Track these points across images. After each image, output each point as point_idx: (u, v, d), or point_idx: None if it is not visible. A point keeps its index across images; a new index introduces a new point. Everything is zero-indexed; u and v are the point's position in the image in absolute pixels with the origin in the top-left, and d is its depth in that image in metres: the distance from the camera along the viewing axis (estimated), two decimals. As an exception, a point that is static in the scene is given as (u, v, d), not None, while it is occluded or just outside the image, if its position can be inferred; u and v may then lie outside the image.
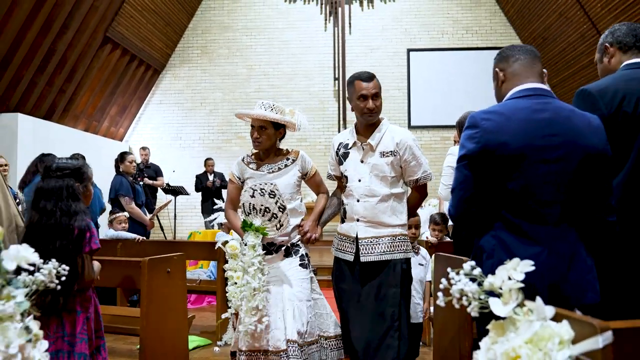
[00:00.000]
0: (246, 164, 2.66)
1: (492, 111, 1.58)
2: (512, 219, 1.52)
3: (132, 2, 8.37)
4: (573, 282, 1.50)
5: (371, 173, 2.38)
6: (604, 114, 1.69)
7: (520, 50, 1.69)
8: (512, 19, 9.66)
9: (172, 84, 10.34)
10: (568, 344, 0.99)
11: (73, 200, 1.85)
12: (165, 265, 2.43)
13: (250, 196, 2.43)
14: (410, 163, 2.40)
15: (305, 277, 2.55)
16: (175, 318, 2.62)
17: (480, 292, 1.13)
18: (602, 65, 1.97)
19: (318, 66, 10.09)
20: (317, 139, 9.75)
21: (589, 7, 7.34)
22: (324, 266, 6.34)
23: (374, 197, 2.36)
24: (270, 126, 2.56)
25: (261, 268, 2.35)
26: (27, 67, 6.95)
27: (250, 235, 2.39)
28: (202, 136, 10.19)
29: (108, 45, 8.35)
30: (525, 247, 1.49)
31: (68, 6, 7.07)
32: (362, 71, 2.46)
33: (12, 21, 6.35)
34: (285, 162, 2.62)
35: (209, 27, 10.32)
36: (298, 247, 2.60)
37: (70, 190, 1.87)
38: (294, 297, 2.45)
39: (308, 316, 2.45)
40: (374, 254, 2.34)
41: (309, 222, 2.57)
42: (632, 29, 1.91)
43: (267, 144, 2.59)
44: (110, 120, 9.60)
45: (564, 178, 1.51)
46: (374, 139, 2.40)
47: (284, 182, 2.55)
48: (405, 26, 10.05)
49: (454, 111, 9.38)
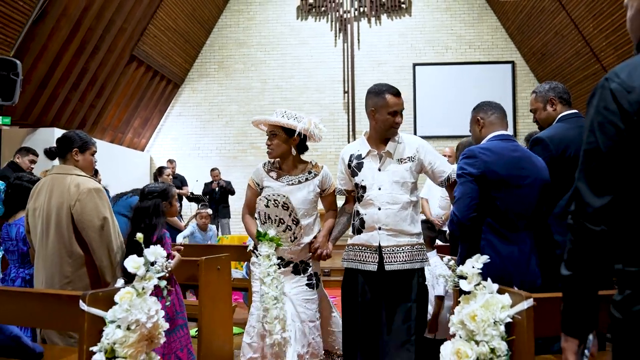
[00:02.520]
0: (266, 171, 2.59)
1: (486, 147, 2.18)
2: (497, 226, 2.09)
3: (156, 22, 9.01)
4: (531, 271, 2.10)
5: (391, 180, 2.34)
6: (554, 154, 2.31)
7: (495, 106, 2.32)
8: (513, 34, 10.17)
9: (190, 97, 10.95)
10: (507, 307, 1.55)
11: (156, 217, 2.42)
12: (216, 263, 2.94)
13: (264, 205, 2.43)
14: (435, 163, 2.39)
15: (311, 297, 2.47)
16: (223, 308, 3.12)
17: (454, 276, 1.70)
18: (546, 112, 2.58)
19: (328, 80, 10.65)
20: (328, 149, 10.30)
21: (583, 27, 7.84)
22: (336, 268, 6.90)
23: (396, 204, 2.32)
24: (282, 132, 2.49)
25: (277, 277, 2.35)
26: (62, 86, 7.58)
27: (264, 245, 2.40)
28: (219, 146, 10.77)
29: (134, 62, 8.98)
30: (505, 246, 2.09)
31: (100, 30, 7.70)
32: (386, 84, 2.42)
33: (51, 44, 6.99)
34: (306, 176, 2.54)
35: (226, 43, 10.93)
36: (308, 266, 2.53)
37: (155, 208, 2.43)
38: (296, 318, 2.40)
39: (310, 337, 2.40)
40: (397, 263, 2.29)
41: (320, 237, 2.54)
42: (564, 88, 2.56)
43: (278, 151, 2.51)
44: (134, 132, 10.22)
45: (530, 199, 2.13)
46: (391, 147, 2.38)
47: (300, 197, 2.49)
48: (411, 42, 10.59)
49: (457, 122, 9.91)
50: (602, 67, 7.88)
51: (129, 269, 1.80)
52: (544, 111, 2.60)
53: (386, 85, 2.41)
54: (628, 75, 1.02)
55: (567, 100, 2.53)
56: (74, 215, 2.31)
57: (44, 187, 2.39)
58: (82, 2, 7.05)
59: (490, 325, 1.57)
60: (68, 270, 2.32)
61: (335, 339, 2.57)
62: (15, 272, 2.63)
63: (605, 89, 1.05)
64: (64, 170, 2.41)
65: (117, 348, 1.68)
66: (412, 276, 2.31)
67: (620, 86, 1.03)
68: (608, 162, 1.03)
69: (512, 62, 10.27)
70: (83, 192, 2.32)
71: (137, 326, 1.71)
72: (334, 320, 2.61)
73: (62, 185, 2.32)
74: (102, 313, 1.71)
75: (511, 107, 10.22)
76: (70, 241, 2.33)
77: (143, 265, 1.80)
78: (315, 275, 2.53)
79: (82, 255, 2.34)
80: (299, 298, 2.43)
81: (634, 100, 1.00)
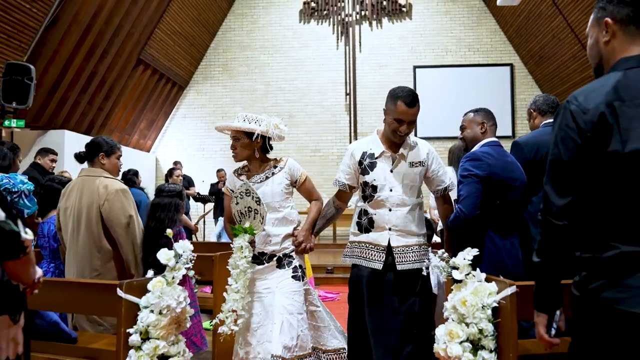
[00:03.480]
0: (237, 175, 2.65)
1: (487, 152, 2.46)
2: (495, 222, 2.39)
3: (163, 27, 9.23)
4: (520, 261, 2.41)
5: (403, 183, 2.38)
6: (528, 158, 2.61)
7: (493, 116, 2.62)
8: (511, 37, 10.38)
9: (195, 99, 11.18)
10: (493, 294, 1.77)
11: (176, 213, 2.64)
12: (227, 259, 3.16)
13: (235, 204, 2.45)
14: (438, 172, 2.44)
15: (297, 289, 2.48)
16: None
17: (447, 267, 1.92)
18: (531, 123, 2.92)
19: (330, 82, 10.87)
20: (330, 150, 10.53)
21: (579, 31, 8.05)
22: (339, 266, 7.10)
23: (406, 206, 2.37)
24: (244, 136, 2.52)
25: (244, 270, 2.35)
26: (72, 89, 7.81)
27: (239, 237, 2.40)
28: (223, 147, 10.98)
29: (141, 66, 9.21)
30: (501, 240, 2.37)
31: (108, 34, 7.93)
32: (407, 91, 2.36)
33: (62, 49, 7.21)
34: (272, 171, 2.58)
35: (230, 46, 11.15)
36: (291, 259, 2.55)
37: (176, 206, 2.66)
38: (283, 310, 2.39)
39: (298, 330, 2.39)
40: (408, 262, 2.34)
41: (303, 231, 2.56)
42: (547, 99, 2.84)
43: (242, 154, 2.56)
44: (140, 134, 10.45)
45: (519, 198, 2.43)
46: (405, 150, 2.41)
47: (270, 190, 2.53)
48: (412, 44, 10.80)
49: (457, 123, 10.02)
50: (597, 70, 8.08)
51: (161, 260, 2.03)
52: (529, 122, 2.97)
53: (406, 91, 2.34)
54: (585, 99, 1.24)
55: (547, 111, 2.83)
56: (102, 214, 2.55)
57: (75, 188, 2.62)
58: (92, 8, 7.27)
59: (478, 309, 1.80)
60: (97, 263, 2.56)
61: (321, 335, 2.57)
62: (47, 266, 2.85)
63: (566, 110, 1.27)
64: (93, 173, 2.63)
65: (150, 330, 1.91)
66: (420, 275, 2.37)
67: (578, 108, 1.24)
68: (568, 170, 1.25)
69: (511, 65, 10.48)
70: (111, 192, 2.55)
71: (168, 311, 1.94)
72: (318, 315, 2.60)
73: (92, 186, 2.55)
74: (137, 300, 1.95)
75: (510, 108, 10.43)
76: (99, 237, 2.56)
77: (173, 257, 2.04)
78: (300, 267, 2.54)
79: (110, 250, 2.58)
80: (285, 290, 2.44)
81: (588, 120, 1.21)
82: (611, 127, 1.18)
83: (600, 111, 1.20)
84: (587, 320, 1.20)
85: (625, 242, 1.15)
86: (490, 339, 1.81)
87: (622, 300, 1.12)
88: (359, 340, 2.39)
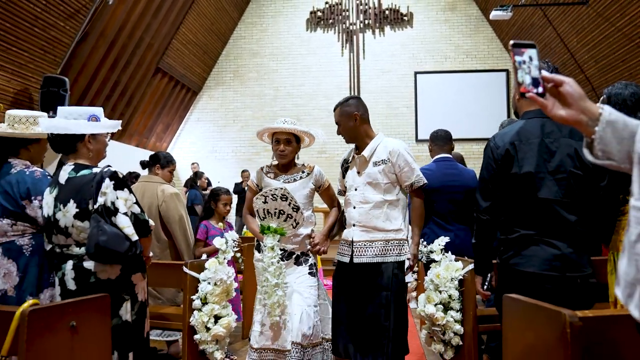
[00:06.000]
0: (265, 173, 2.80)
1: (428, 168, 3.17)
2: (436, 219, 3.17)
3: (179, 37, 9.90)
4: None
5: (365, 182, 2.53)
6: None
7: (442, 136, 3.34)
8: (507, 45, 10.93)
9: (208, 104, 11.83)
10: (460, 269, 2.43)
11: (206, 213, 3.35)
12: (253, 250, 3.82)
13: (262, 202, 2.60)
14: (404, 169, 2.51)
15: (313, 284, 2.66)
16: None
17: (428, 252, 2.59)
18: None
19: (336, 87, 11.47)
20: (335, 152, 11.14)
21: (568, 41, 8.64)
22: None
23: (367, 203, 2.50)
24: (294, 140, 2.73)
25: (279, 267, 2.54)
26: (98, 97, 8.48)
27: (269, 237, 2.57)
28: (235, 149, 11.65)
29: (159, 74, 9.88)
30: (443, 232, 3.00)
31: (131, 47, 8.60)
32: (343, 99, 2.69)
33: (90, 62, 7.89)
34: (300, 175, 2.76)
35: (240, 53, 11.79)
36: (308, 257, 2.72)
37: (206, 206, 3.34)
38: (302, 302, 2.57)
39: (314, 320, 2.58)
40: (366, 256, 2.47)
41: (321, 235, 2.74)
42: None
43: (291, 156, 2.74)
44: (156, 137, 11.12)
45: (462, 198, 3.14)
46: (367, 151, 2.56)
47: (297, 192, 2.68)
48: (413, 51, 11.40)
49: (456, 126, 10.70)
50: (585, 77, 8.67)
51: (216, 245, 2.71)
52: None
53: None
54: (499, 139, 1.94)
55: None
56: (160, 212, 3.21)
57: (137, 191, 3.27)
58: (117, 24, 7.94)
59: (448, 280, 2.48)
60: (157, 251, 3.22)
61: (325, 325, 2.73)
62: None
63: (489, 145, 1.97)
64: (150, 179, 3.32)
65: (208, 297, 2.60)
66: (386, 269, 2.44)
67: (495, 145, 1.94)
68: (489, 184, 1.93)
69: (507, 70, 11.04)
70: (167, 195, 3.24)
71: (221, 283, 2.61)
72: (324, 307, 2.78)
73: (152, 190, 3.23)
74: (198, 275, 2.62)
75: (505, 112, 11.01)
76: (157, 231, 3.22)
77: (225, 243, 2.71)
78: (315, 265, 2.74)
79: (166, 240, 3.26)
80: (303, 285, 2.63)
81: (499, 153, 1.90)
82: (513, 158, 1.85)
83: (506, 148, 1.87)
84: (503, 276, 1.88)
85: (523, 228, 1.82)
86: (457, 302, 2.52)
87: (521, 264, 1.79)
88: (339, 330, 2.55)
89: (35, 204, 2.12)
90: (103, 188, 1.83)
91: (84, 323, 1.50)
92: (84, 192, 1.87)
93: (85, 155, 2.06)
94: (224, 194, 3.66)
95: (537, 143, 1.82)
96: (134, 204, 1.93)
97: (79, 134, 2.00)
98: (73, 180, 1.93)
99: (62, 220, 1.89)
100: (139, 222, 1.90)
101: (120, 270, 1.90)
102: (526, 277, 1.77)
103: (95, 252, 1.76)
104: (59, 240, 1.93)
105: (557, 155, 1.81)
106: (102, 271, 1.86)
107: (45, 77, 6.83)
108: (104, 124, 2.08)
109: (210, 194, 3.74)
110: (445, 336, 2.60)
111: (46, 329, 1.38)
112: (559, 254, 1.75)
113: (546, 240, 1.77)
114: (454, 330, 2.55)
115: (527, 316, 1.40)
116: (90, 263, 1.86)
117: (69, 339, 1.45)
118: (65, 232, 1.90)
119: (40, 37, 6.60)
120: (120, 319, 1.87)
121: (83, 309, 1.52)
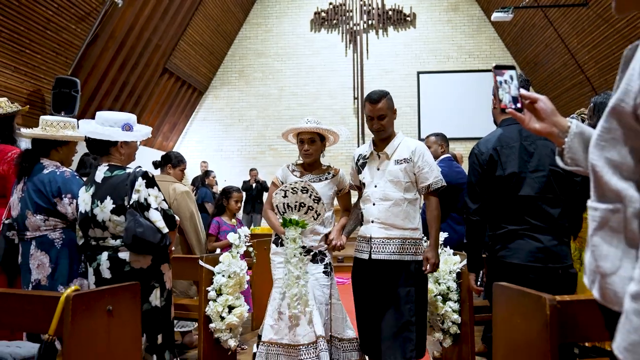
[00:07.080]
0: (290, 170, 2.82)
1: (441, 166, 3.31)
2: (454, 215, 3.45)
3: (186, 38, 10.08)
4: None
5: (386, 179, 2.51)
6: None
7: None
8: (509, 45, 11.10)
9: (213, 104, 12.01)
10: (457, 263, 2.61)
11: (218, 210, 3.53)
12: (263, 244, 3.97)
13: (282, 197, 2.61)
14: (423, 169, 2.50)
15: (326, 283, 2.69)
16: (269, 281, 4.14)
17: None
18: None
19: (340, 87, 11.64)
20: (339, 150, 11.29)
21: (568, 42, 8.77)
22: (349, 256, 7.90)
23: (388, 200, 2.49)
24: (319, 139, 2.75)
25: (301, 258, 2.57)
26: (107, 97, 8.68)
27: (291, 229, 2.58)
28: (240, 148, 11.83)
29: (166, 74, 10.07)
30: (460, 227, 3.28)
31: (139, 48, 8.78)
32: (375, 91, 2.56)
33: (100, 63, 8.08)
34: (326, 175, 2.79)
35: (245, 54, 11.97)
36: (324, 256, 2.74)
37: (218, 203, 3.52)
38: (315, 300, 2.60)
39: (325, 317, 2.64)
40: (385, 253, 2.47)
41: (334, 231, 2.75)
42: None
43: (316, 155, 2.76)
44: (163, 136, 11.31)
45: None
46: (389, 148, 2.55)
47: (322, 192, 2.69)
48: (415, 52, 11.55)
49: (458, 125, 10.89)
50: (585, 77, 8.80)
51: (230, 240, 2.89)
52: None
53: (372, 92, 2.54)
54: (482, 145, 2.14)
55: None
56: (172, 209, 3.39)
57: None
58: (126, 26, 8.12)
59: (447, 273, 2.66)
60: (170, 246, 3.40)
61: (339, 325, 2.76)
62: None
63: (473, 152, 2.17)
64: (163, 178, 3.48)
65: (222, 288, 2.79)
66: (406, 266, 2.45)
67: (479, 152, 2.14)
68: (476, 187, 2.13)
69: (508, 70, 11.19)
70: (179, 193, 3.40)
71: (234, 275, 2.79)
72: (337, 307, 2.79)
73: (164, 188, 3.37)
74: (212, 268, 2.81)
75: (507, 111, 11.15)
76: (170, 227, 3.43)
77: (238, 238, 2.89)
78: (330, 264, 2.75)
79: (178, 236, 3.41)
80: (317, 283, 2.65)
81: (483, 159, 2.11)
82: (497, 162, 2.05)
83: (490, 153, 2.08)
84: (492, 268, 2.07)
85: (509, 224, 2.03)
86: (455, 293, 2.69)
87: (507, 256, 1.99)
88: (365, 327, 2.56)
89: (65, 201, 2.30)
90: (136, 186, 2.03)
91: (118, 308, 1.68)
92: (120, 190, 2.07)
93: (117, 158, 2.26)
94: (235, 191, 3.84)
95: (517, 147, 2.02)
96: (162, 200, 2.13)
97: (113, 140, 2.18)
98: (109, 180, 2.13)
99: (99, 215, 2.10)
100: (167, 217, 2.14)
101: (151, 260, 2.11)
102: (512, 268, 1.96)
103: (132, 243, 1.99)
104: (96, 234, 2.13)
105: (535, 156, 2.00)
106: (136, 261, 2.08)
107: (57, 78, 7.02)
108: (135, 132, 2.27)
109: (222, 192, 3.92)
110: (444, 325, 2.78)
111: (87, 311, 1.56)
112: (542, 246, 1.94)
113: (530, 234, 1.96)
114: (452, 320, 2.73)
115: (513, 301, 1.59)
116: (124, 254, 2.08)
117: (106, 321, 1.63)
118: (103, 225, 2.10)
119: (52, 39, 6.78)
120: (150, 304, 2.08)
121: (118, 294, 1.70)
